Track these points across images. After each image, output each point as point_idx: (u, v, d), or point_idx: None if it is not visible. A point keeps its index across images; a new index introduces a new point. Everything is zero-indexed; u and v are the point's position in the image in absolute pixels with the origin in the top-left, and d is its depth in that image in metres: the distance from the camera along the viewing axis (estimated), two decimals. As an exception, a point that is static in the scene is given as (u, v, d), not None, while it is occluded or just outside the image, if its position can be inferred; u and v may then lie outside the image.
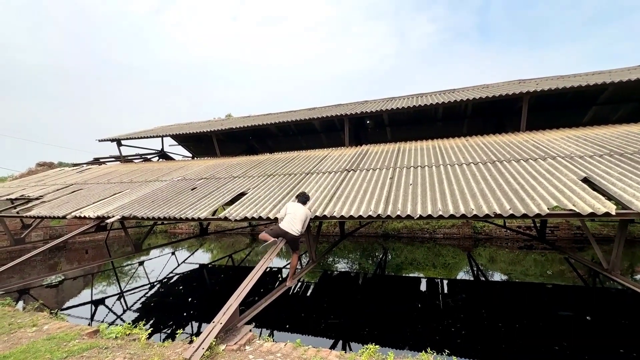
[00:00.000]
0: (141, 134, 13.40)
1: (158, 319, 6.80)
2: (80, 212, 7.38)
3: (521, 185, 4.99)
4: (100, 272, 11.65)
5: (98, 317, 7.07)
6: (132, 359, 3.10)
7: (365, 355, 2.95)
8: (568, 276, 9.88)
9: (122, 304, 7.94)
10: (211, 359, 3.00)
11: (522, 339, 5.29)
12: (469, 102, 9.32)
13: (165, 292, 9.01)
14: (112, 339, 3.80)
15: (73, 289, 9.54)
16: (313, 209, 5.42)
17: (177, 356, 3.11)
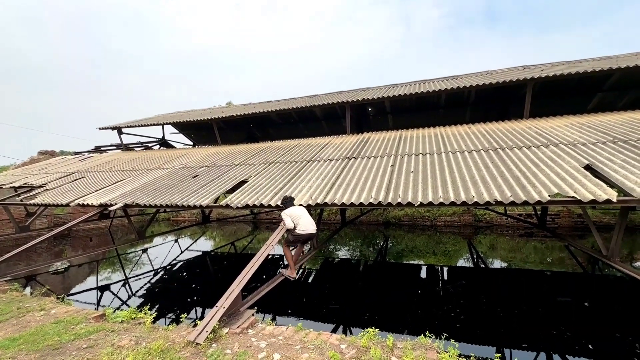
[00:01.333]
0: (142, 122, 13.35)
1: (162, 304, 6.95)
2: (83, 200, 7.44)
3: (523, 173, 4.97)
4: (105, 259, 11.82)
5: (104, 302, 7.22)
6: (138, 342, 3.18)
7: (365, 339, 3.01)
8: (568, 263, 9.98)
9: (127, 290, 8.10)
10: (215, 341, 3.07)
11: (520, 324, 5.38)
12: (472, 89, 9.19)
13: (169, 278, 9.16)
14: (118, 323, 3.89)
15: (79, 276, 9.71)
16: (314, 196, 5.44)
17: (182, 339, 3.19)
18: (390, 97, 9.53)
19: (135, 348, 3.01)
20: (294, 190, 5.89)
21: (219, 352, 2.85)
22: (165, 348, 2.96)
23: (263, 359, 2.75)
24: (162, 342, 3.06)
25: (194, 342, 3.00)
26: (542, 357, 4.38)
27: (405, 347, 2.90)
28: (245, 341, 3.08)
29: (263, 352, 2.86)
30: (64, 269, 9.96)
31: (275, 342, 3.05)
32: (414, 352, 2.80)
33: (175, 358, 2.79)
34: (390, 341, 2.94)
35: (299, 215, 5.03)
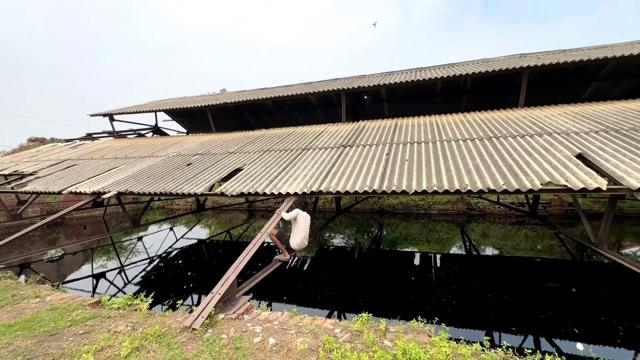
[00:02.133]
0: (134, 109, 13.11)
1: (158, 291, 6.99)
2: (75, 188, 7.36)
3: (516, 162, 5.02)
4: (100, 247, 11.80)
5: (99, 290, 7.24)
6: (134, 327, 3.21)
7: (358, 323, 3.08)
8: (557, 251, 10.20)
9: (123, 277, 8.12)
10: (211, 327, 3.12)
11: (510, 309, 5.54)
12: (468, 77, 9.15)
13: (164, 266, 9.20)
14: (114, 309, 3.92)
15: (73, 264, 9.70)
16: (309, 184, 5.45)
17: (178, 324, 3.23)
18: (386, 84, 9.45)
19: (132, 333, 3.05)
20: (289, 179, 5.88)
21: (215, 337, 2.90)
22: (162, 333, 3.00)
23: (258, 343, 2.81)
24: (158, 327, 3.10)
25: (190, 328, 3.05)
26: (530, 340, 4.54)
27: (398, 331, 2.97)
28: (240, 326, 3.13)
29: (258, 337, 2.91)
30: (58, 257, 9.93)
31: (271, 327, 3.11)
32: (406, 336, 2.87)
33: (171, 343, 2.83)
34: (383, 325, 3.01)
35: (303, 225, 5.25)
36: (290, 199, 5.33)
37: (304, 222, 5.29)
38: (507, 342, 2.82)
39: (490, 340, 2.76)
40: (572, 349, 4.23)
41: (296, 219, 5.24)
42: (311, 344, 2.77)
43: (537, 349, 4.17)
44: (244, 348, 2.73)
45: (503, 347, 2.67)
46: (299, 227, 5.25)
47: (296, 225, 5.27)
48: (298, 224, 5.26)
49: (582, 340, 4.47)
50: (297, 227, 5.25)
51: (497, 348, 2.68)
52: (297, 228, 5.25)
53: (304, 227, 5.28)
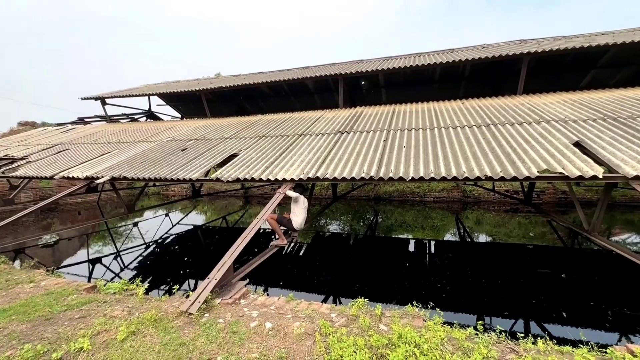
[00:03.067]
0: (127, 92, 12.80)
1: (154, 276, 7.00)
2: (68, 173, 7.24)
3: (513, 149, 5.00)
4: (95, 232, 11.75)
5: (95, 275, 7.22)
6: (130, 312, 3.22)
7: (354, 308, 3.11)
8: (549, 238, 10.37)
9: (119, 263, 8.11)
10: (207, 311, 3.13)
11: (502, 294, 5.65)
12: (468, 63, 9.02)
13: (160, 252, 9.20)
14: (110, 294, 3.92)
15: (68, 249, 9.66)
16: (306, 170, 5.40)
17: (175, 309, 3.24)
18: (385, 69, 9.30)
19: (128, 318, 3.05)
20: (286, 165, 5.83)
21: (212, 321, 2.91)
22: (158, 318, 3.01)
23: (255, 328, 2.82)
24: (154, 312, 3.10)
25: (187, 312, 3.05)
26: (521, 324, 4.65)
27: (393, 315, 3.01)
28: (237, 311, 3.14)
29: (255, 321, 2.93)
30: (53, 242, 9.88)
31: (267, 312, 3.12)
32: (401, 320, 2.91)
33: (168, 327, 2.84)
34: (378, 310, 3.04)
35: (302, 206, 5.55)
36: (287, 185, 5.29)
37: (303, 203, 5.61)
38: (500, 327, 2.87)
39: (483, 325, 2.80)
40: (562, 333, 4.34)
41: (297, 200, 5.51)
42: (307, 329, 2.79)
43: (529, 333, 4.28)
44: (240, 332, 2.74)
45: (496, 331, 2.72)
46: (299, 206, 5.57)
47: (297, 205, 5.58)
48: (298, 205, 5.56)
49: (572, 324, 4.59)
50: (298, 207, 5.57)
51: (490, 332, 2.73)
52: (298, 208, 5.58)
53: (303, 208, 5.60)
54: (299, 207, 5.57)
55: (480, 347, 2.38)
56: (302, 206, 5.60)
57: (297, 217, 5.59)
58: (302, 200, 5.58)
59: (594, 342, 2.63)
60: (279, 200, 5.03)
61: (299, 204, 5.57)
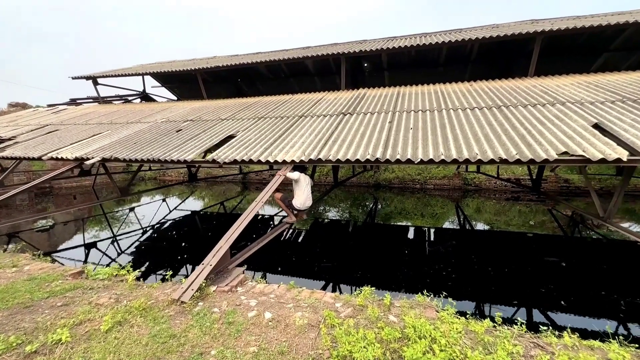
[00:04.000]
0: (119, 72, 12.27)
1: (149, 262, 6.78)
2: (57, 153, 6.89)
3: (528, 131, 4.70)
4: (90, 217, 11.49)
5: (87, 260, 6.98)
6: (118, 299, 2.97)
7: (361, 297, 2.87)
8: (550, 226, 10.20)
9: (111, 248, 7.86)
10: (202, 300, 2.89)
11: (511, 283, 5.46)
12: (476, 43, 8.60)
13: (156, 237, 8.96)
14: (99, 280, 3.67)
15: (61, 234, 9.40)
16: (307, 152, 5.10)
17: (166, 297, 2.99)
18: (390, 49, 8.86)
19: (115, 306, 2.80)
20: (286, 146, 5.51)
21: (206, 311, 2.67)
22: (148, 306, 2.76)
23: (253, 318, 2.58)
24: (144, 300, 2.85)
25: (179, 301, 2.81)
26: (534, 315, 4.47)
27: (403, 305, 2.78)
28: (234, 299, 2.90)
29: (253, 311, 2.69)
30: (48, 227, 9.64)
31: (266, 301, 2.88)
32: (412, 311, 2.68)
33: (158, 317, 2.59)
34: (387, 300, 2.80)
35: (304, 185, 5.36)
36: (287, 167, 5.00)
37: (304, 181, 5.39)
38: (517, 317, 2.65)
39: (502, 316, 2.58)
40: (580, 324, 4.16)
41: (298, 180, 5.30)
42: (311, 319, 2.55)
43: (547, 325, 4.09)
44: (237, 323, 2.50)
45: (518, 323, 2.49)
46: (300, 187, 5.36)
47: (298, 186, 5.37)
48: (299, 184, 5.35)
49: (587, 315, 4.41)
50: (299, 188, 5.37)
51: (509, 324, 2.50)
52: (299, 188, 5.37)
53: (304, 186, 5.39)
54: (300, 187, 5.36)
55: (504, 342, 2.15)
56: (303, 185, 5.38)
57: (298, 198, 5.39)
58: (303, 179, 5.36)
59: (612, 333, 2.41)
60: (278, 182, 4.74)
61: (300, 184, 5.34)
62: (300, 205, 5.41)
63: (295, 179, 5.25)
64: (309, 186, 5.50)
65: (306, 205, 5.46)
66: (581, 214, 6.03)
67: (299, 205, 5.41)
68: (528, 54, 8.78)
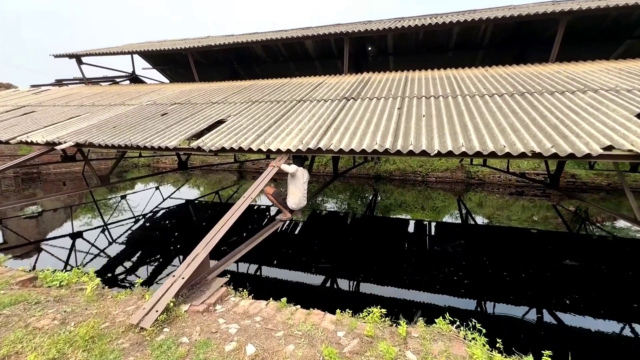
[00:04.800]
0: (106, 50, 11.41)
1: (123, 261, 6.04)
2: (27, 137, 6.20)
3: (561, 120, 4.07)
4: (77, 205, 10.85)
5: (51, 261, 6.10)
6: (64, 320, 2.36)
7: (369, 326, 2.27)
8: (553, 222, 9.68)
9: (92, 241, 7.23)
10: (168, 324, 2.29)
11: (531, 290, 4.91)
12: (490, 24, 7.85)
13: (145, 227, 8.34)
14: (54, 288, 3.07)
15: (45, 224, 8.76)
16: (305, 140, 4.45)
17: (126, 316, 2.40)
18: (397, 28, 8.08)
19: (57, 332, 2.20)
20: (281, 133, 4.86)
21: (171, 342, 2.08)
22: (97, 334, 2.16)
23: (232, 354, 2.00)
24: (95, 323, 2.25)
25: (138, 326, 2.21)
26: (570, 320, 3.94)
27: (423, 337, 2.19)
28: (210, 323, 2.31)
29: (232, 342, 2.10)
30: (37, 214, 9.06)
31: (250, 326, 2.29)
32: (435, 345, 2.10)
33: (106, 351, 1.99)
34: (403, 329, 2.22)
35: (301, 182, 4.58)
36: (282, 157, 4.36)
37: (302, 178, 4.61)
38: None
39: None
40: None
41: (294, 175, 4.51)
42: (306, 356, 1.97)
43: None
44: (210, 360, 1.91)
45: None
46: (296, 184, 4.56)
47: (294, 182, 4.57)
48: (296, 180, 4.55)
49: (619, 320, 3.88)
50: (295, 184, 4.56)
51: None
52: (295, 185, 4.57)
53: (301, 184, 4.58)
54: (297, 184, 4.57)
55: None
56: (300, 181, 4.58)
57: (294, 196, 4.59)
58: (300, 175, 4.56)
59: None
60: (271, 175, 4.11)
61: (297, 180, 4.55)
62: (295, 205, 4.62)
63: (291, 173, 4.49)
64: (306, 183, 4.71)
65: (301, 205, 4.67)
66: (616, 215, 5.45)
67: (293, 205, 4.63)
68: (546, 40, 8.08)
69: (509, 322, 4.09)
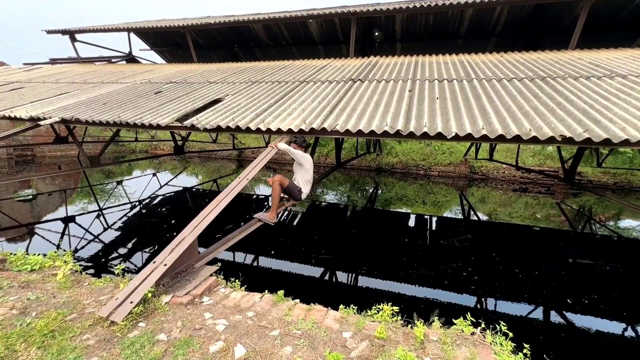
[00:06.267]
0: (101, 27, 10.89)
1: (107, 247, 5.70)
2: (10, 112, 5.80)
3: (590, 105, 3.71)
4: (73, 189, 10.51)
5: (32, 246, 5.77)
6: (25, 310, 2.03)
7: (381, 327, 1.93)
8: (555, 220, 9.39)
9: (67, 229, 6.88)
10: (145, 317, 1.95)
11: (546, 288, 4.61)
12: (506, 5, 7.41)
13: (142, 213, 8.00)
14: (25, 272, 2.74)
15: (36, 206, 8.41)
16: (309, 120, 4.08)
17: (99, 306, 2.07)
18: (407, 8, 7.64)
19: (12, 323, 1.87)
20: (282, 113, 4.48)
21: (145, 340, 1.74)
22: (59, 327, 1.83)
23: (217, 355, 1.67)
24: (58, 315, 1.92)
25: (107, 320, 1.87)
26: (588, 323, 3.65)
27: (443, 340, 1.87)
28: (193, 319, 1.98)
29: (219, 342, 1.77)
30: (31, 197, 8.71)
31: (241, 323, 1.96)
32: (459, 351, 1.77)
33: (66, 348, 1.66)
34: (419, 331, 1.89)
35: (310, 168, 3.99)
36: (282, 138, 3.99)
37: (309, 165, 4.00)
38: None
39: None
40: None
41: (304, 161, 3.94)
42: (305, 361, 1.64)
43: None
44: (190, 363, 1.59)
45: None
46: (307, 169, 3.98)
47: (304, 170, 3.97)
48: (305, 165, 3.96)
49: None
50: (306, 170, 3.97)
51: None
52: (306, 171, 3.98)
53: (310, 170, 4.03)
54: (308, 171, 3.97)
55: None
56: (309, 167, 3.99)
57: (307, 185, 4.00)
58: (309, 161, 4.01)
59: None
60: (270, 156, 3.75)
61: (306, 165, 3.95)
62: (306, 195, 4.03)
63: (298, 159, 3.87)
64: (311, 170, 4.07)
65: (306, 193, 4.06)
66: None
67: (305, 195, 4.01)
68: (562, 28, 7.67)
69: (528, 323, 3.79)
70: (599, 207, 11.06)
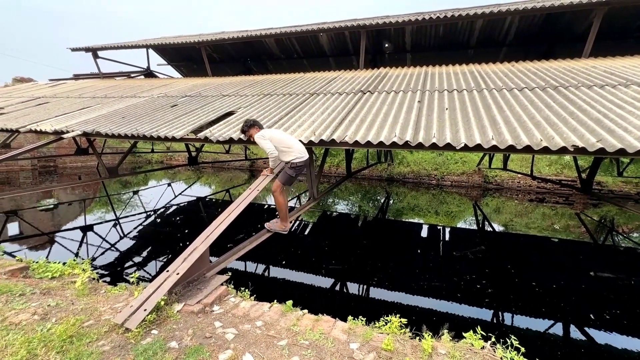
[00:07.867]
0: (121, 44, 11.45)
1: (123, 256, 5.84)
2: (37, 126, 6.12)
3: (604, 114, 3.65)
4: (92, 199, 10.89)
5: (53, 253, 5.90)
6: (45, 316, 2.12)
7: (389, 338, 1.93)
8: (575, 231, 9.07)
9: (99, 234, 7.13)
10: (157, 325, 2.02)
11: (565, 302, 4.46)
12: (517, 16, 7.40)
13: (157, 223, 8.21)
14: (47, 280, 2.87)
15: (57, 216, 8.75)
16: (318, 132, 4.16)
17: (113, 314, 2.15)
18: (417, 20, 7.72)
19: (34, 328, 1.96)
20: (293, 125, 4.58)
21: (158, 347, 1.80)
22: (77, 333, 1.91)
23: (226, 363, 1.70)
24: (77, 321, 2.01)
25: (122, 326, 1.94)
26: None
27: (452, 354, 1.85)
28: (204, 327, 2.02)
29: (228, 350, 1.81)
30: (52, 206, 9.07)
31: (250, 332, 1.99)
32: (468, 365, 1.75)
33: (82, 354, 1.73)
34: (427, 344, 1.88)
35: (282, 139, 3.56)
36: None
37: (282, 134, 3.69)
38: None
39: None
40: None
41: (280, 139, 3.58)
42: (312, 372, 1.66)
43: None
44: (200, 371, 1.63)
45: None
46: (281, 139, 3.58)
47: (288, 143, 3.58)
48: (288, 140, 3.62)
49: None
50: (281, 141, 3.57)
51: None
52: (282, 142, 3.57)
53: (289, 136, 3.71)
54: (283, 141, 3.57)
55: None
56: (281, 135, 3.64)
57: (289, 154, 3.55)
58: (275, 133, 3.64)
59: None
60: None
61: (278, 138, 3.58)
62: (300, 156, 3.54)
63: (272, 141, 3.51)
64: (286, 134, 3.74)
65: (305, 155, 3.60)
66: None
67: (297, 157, 3.52)
68: (575, 36, 7.58)
69: (545, 339, 3.67)
70: (622, 217, 10.65)
